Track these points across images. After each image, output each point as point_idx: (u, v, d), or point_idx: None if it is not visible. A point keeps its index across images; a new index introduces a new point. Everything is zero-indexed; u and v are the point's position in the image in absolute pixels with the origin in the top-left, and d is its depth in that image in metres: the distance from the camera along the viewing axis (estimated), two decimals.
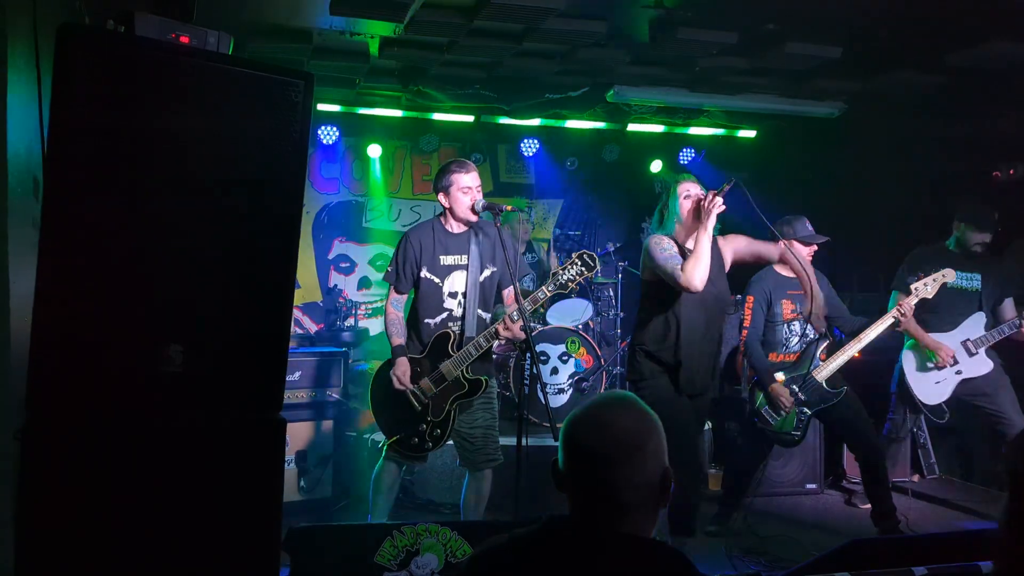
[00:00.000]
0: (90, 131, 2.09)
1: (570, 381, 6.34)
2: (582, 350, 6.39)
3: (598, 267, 3.74)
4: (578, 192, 8.44)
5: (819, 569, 2.78)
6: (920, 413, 5.06)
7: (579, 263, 3.72)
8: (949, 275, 4.47)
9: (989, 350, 4.79)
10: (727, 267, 4.08)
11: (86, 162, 2.10)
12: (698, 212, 3.78)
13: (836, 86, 6.01)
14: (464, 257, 3.96)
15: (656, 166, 8.31)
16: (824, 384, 4.52)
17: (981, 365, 4.79)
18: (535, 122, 7.50)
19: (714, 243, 3.85)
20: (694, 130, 7.88)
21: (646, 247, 3.94)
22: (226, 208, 2.32)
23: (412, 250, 3.94)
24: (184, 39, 2.35)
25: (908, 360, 4.99)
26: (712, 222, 3.70)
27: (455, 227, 3.98)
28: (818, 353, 4.57)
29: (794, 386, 4.55)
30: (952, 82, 5.52)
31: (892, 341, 5.08)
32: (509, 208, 4.05)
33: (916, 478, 5.88)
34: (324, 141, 7.37)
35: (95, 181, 2.11)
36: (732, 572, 3.02)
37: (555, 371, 6.33)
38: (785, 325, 4.66)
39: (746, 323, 4.65)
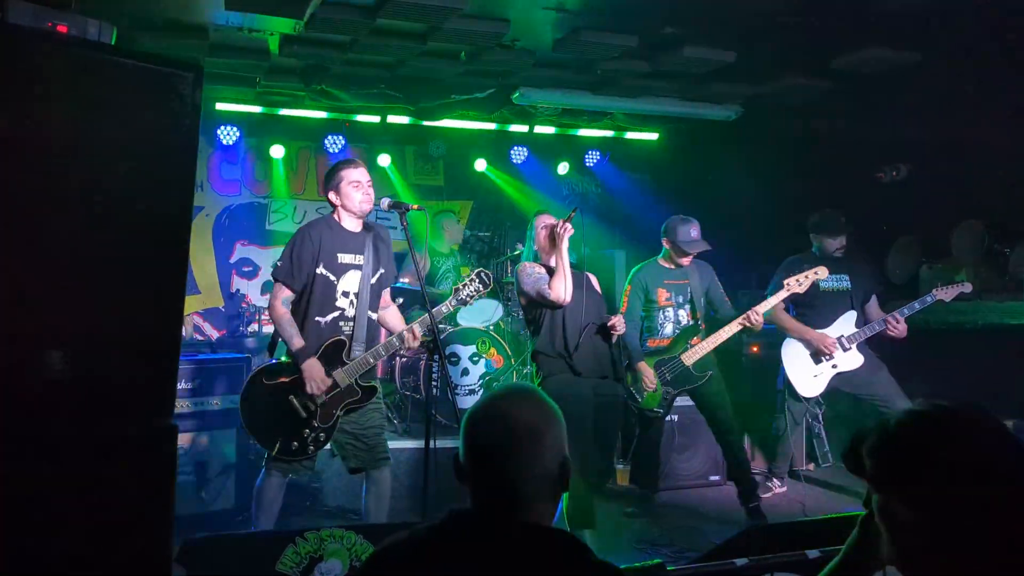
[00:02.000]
0: None
1: (480, 382, 6.34)
2: (492, 350, 6.40)
3: (492, 284, 4.02)
4: (488, 193, 8.47)
5: (719, 556, 2.85)
6: (802, 403, 5.30)
7: (477, 281, 3.95)
8: (822, 272, 4.82)
9: (861, 344, 5.06)
10: (598, 289, 4.60)
11: None
12: (554, 238, 4.28)
13: (732, 89, 6.21)
14: (360, 257, 3.92)
15: (563, 168, 8.42)
16: (692, 368, 4.84)
17: (854, 359, 5.07)
18: (443, 123, 7.47)
19: (583, 273, 4.43)
20: (599, 132, 8.02)
21: (516, 276, 4.44)
22: (109, 207, 2.21)
23: (311, 244, 3.83)
24: (62, 28, 2.23)
25: (787, 355, 5.21)
26: (566, 244, 4.19)
27: (350, 225, 3.93)
28: (691, 339, 4.89)
29: (663, 368, 4.87)
30: (837, 86, 5.78)
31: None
32: (416, 207, 4.04)
33: (811, 467, 6.12)
34: (224, 141, 7.16)
35: None
36: (636, 563, 3.07)
37: (465, 372, 6.32)
38: (661, 311, 4.99)
39: (622, 309, 4.93)
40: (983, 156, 5.34)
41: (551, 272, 4.29)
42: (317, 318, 3.84)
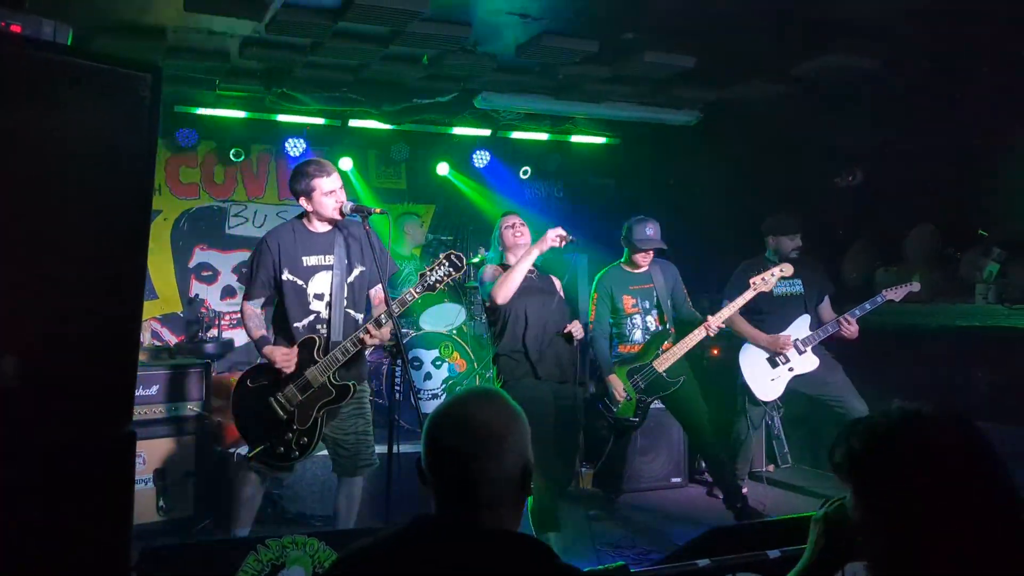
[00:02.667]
0: None
1: (443, 386, 6.32)
2: (455, 354, 6.40)
3: (465, 267, 3.78)
4: (450, 197, 8.45)
5: (682, 558, 2.88)
6: (761, 406, 5.37)
7: (447, 264, 3.72)
8: (787, 269, 4.82)
9: (816, 347, 5.13)
10: (560, 293, 4.62)
11: None
12: (515, 241, 4.41)
13: (692, 94, 6.29)
14: (329, 257, 3.85)
15: (525, 172, 8.44)
16: (664, 374, 4.82)
17: (810, 362, 5.14)
18: (405, 127, 7.45)
19: (547, 276, 4.57)
20: (561, 137, 8.05)
21: (479, 278, 4.47)
22: (65, 209, 2.17)
23: (269, 254, 3.80)
24: (15, 28, 2.19)
25: (744, 361, 5.27)
26: (536, 253, 4.20)
27: (319, 227, 3.88)
28: (662, 344, 4.87)
29: (636, 376, 4.84)
30: (797, 92, 5.88)
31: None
32: (378, 211, 4.01)
33: (771, 468, 6.21)
34: (183, 144, 7.05)
35: None
36: (600, 566, 3.09)
37: (428, 376, 6.31)
38: (628, 318, 4.98)
39: (591, 317, 4.92)
40: (936, 162, 5.47)
41: None
42: (295, 324, 3.83)
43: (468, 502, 1.54)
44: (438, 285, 3.72)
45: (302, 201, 3.83)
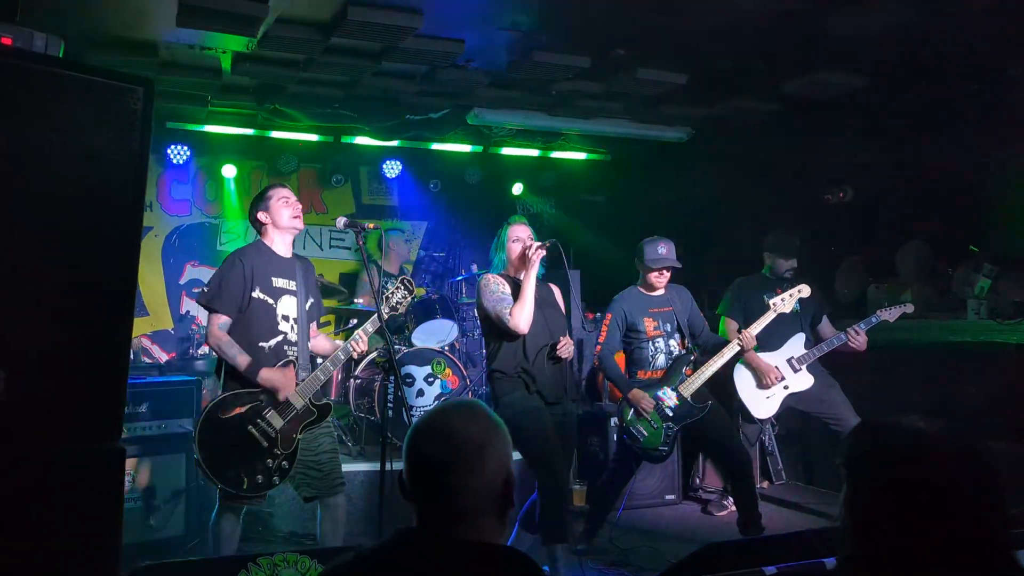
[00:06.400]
0: None
1: (436, 403, 6.28)
2: (448, 371, 6.35)
3: (415, 291, 3.91)
4: (442, 214, 8.45)
5: (676, 575, 2.85)
6: (756, 424, 5.35)
7: (402, 288, 3.83)
8: (804, 290, 4.74)
9: (812, 364, 5.12)
10: (561, 305, 4.47)
11: None
12: (524, 257, 4.16)
13: (683, 111, 6.32)
14: (293, 283, 3.85)
15: (517, 189, 8.46)
16: (690, 399, 4.58)
17: (805, 380, 5.12)
18: (396, 143, 7.46)
19: (546, 285, 4.33)
20: (553, 153, 8.07)
21: (478, 288, 4.27)
22: (56, 223, 2.15)
23: (243, 269, 3.73)
24: (6, 40, 2.18)
25: (740, 378, 5.25)
26: (535, 269, 4.08)
27: (282, 251, 3.86)
28: (684, 369, 4.64)
29: (661, 403, 4.58)
30: (787, 109, 5.91)
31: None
32: (372, 226, 4.01)
33: (765, 484, 6.18)
34: (174, 161, 7.05)
35: None
36: None
37: (421, 393, 6.26)
38: (650, 342, 4.70)
39: (601, 339, 4.70)
40: (926, 178, 5.50)
41: (516, 287, 4.16)
42: (261, 343, 3.71)
43: (447, 513, 1.53)
44: (399, 307, 3.82)
45: (260, 215, 3.84)
